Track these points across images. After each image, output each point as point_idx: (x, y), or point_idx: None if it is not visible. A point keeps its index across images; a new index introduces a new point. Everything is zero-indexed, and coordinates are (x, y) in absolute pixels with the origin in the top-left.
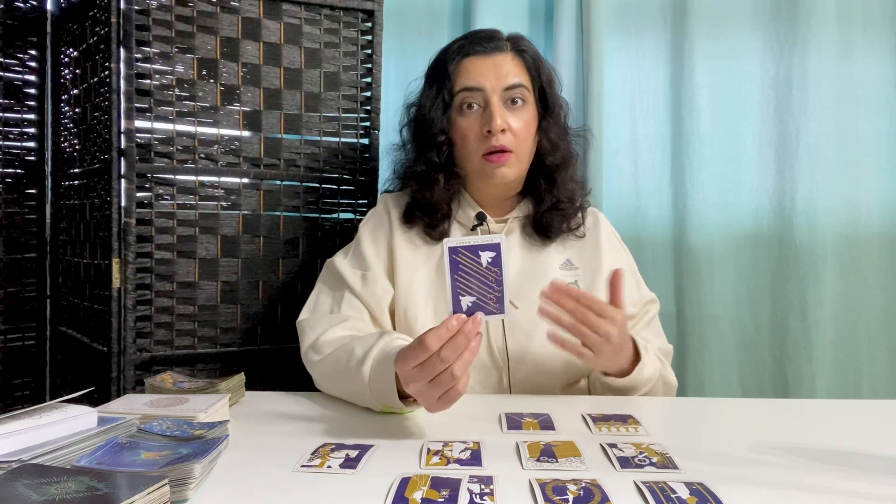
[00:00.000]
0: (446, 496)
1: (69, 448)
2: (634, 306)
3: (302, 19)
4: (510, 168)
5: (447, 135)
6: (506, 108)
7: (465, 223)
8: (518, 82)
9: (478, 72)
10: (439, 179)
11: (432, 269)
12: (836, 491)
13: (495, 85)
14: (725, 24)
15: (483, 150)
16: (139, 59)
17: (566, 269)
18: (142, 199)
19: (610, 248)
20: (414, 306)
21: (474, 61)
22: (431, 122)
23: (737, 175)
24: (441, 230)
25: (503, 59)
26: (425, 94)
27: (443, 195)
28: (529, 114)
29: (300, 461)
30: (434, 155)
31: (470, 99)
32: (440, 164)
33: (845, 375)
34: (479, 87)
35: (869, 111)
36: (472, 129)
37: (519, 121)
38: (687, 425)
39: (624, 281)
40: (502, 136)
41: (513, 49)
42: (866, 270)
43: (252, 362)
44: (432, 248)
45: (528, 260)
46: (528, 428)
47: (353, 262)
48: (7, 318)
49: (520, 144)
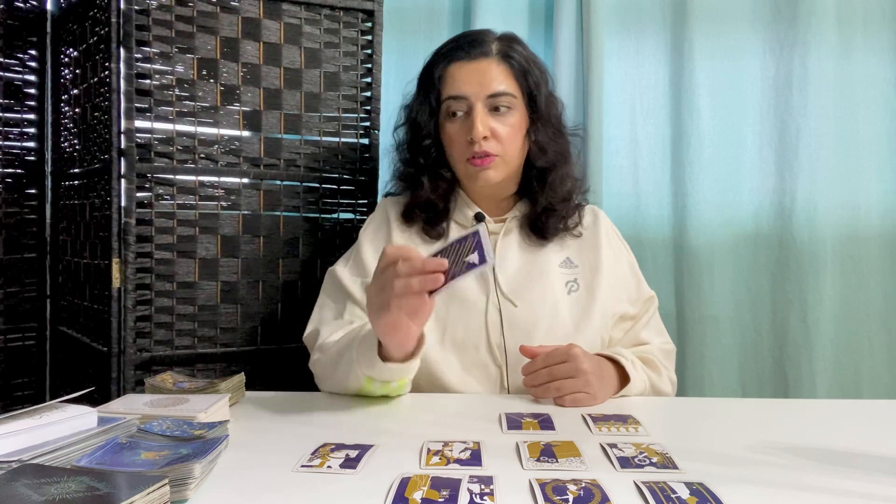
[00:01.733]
0: (446, 496)
1: (69, 448)
2: (634, 305)
3: (302, 19)
4: (495, 171)
5: (435, 139)
6: (491, 114)
7: (463, 223)
8: (502, 90)
9: (462, 79)
10: (425, 181)
11: None
12: (836, 491)
13: (479, 92)
14: (725, 24)
15: (467, 154)
16: (139, 59)
17: (565, 267)
18: (142, 199)
19: (610, 245)
20: None
21: (459, 67)
22: (420, 126)
23: (737, 175)
24: (439, 230)
25: (488, 65)
26: (416, 98)
27: (432, 195)
28: (517, 118)
29: (300, 461)
30: (422, 158)
31: (454, 107)
32: (427, 167)
33: (845, 375)
34: (462, 96)
35: (869, 111)
36: (458, 135)
37: (504, 126)
38: (687, 425)
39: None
40: (485, 142)
41: (499, 54)
42: (866, 270)
43: (252, 362)
44: (431, 248)
45: (526, 259)
46: (527, 428)
47: (354, 269)
48: (7, 318)
49: (506, 148)
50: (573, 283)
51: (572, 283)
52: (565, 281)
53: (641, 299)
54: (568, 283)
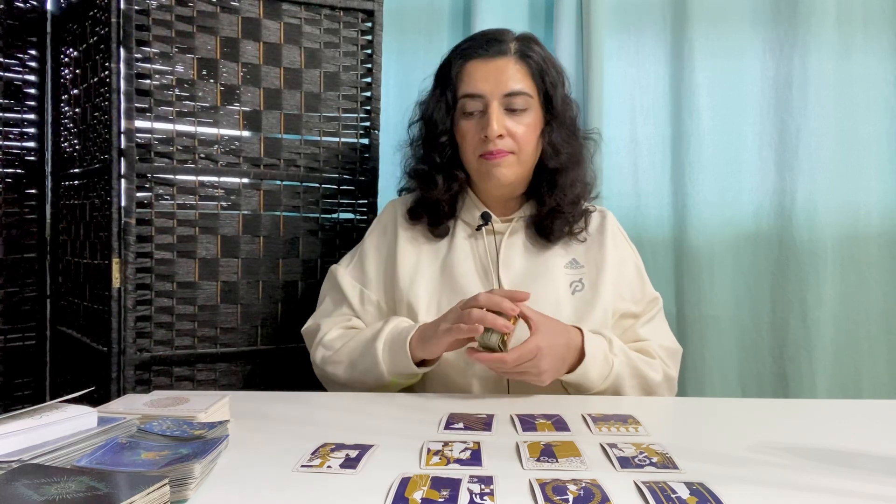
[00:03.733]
0: (446, 496)
1: (69, 448)
2: (637, 304)
3: (302, 19)
4: (508, 168)
5: (450, 136)
6: (506, 113)
7: (470, 222)
8: (519, 89)
9: (479, 76)
10: (439, 179)
11: (437, 269)
12: (836, 491)
13: (495, 90)
14: (725, 24)
15: (481, 150)
16: (139, 59)
17: (571, 268)
18: (142, 199)
19: (616, 245)
20: (416, 306)
21: (476, 65)
22: (435, 123)
23: (737, 175)
24: (444, 228)
25: (505, 63)
26: (432, 94)
27: (443, 195)
28: (532, 118)
29: (300, 461)
30: (437, 155)
31: (471, 105)
32: (441, 165)
33: (845, 375)
34: (479, 94)
35: (869, 111)
36: (472, 133)
37: (520, 125)
38: (687, 425)
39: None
40: (500, 141)
41: (516, 53)
42: (866, 270)
43: (252, 362)
44: (436, 246)
45: (530, 260)
46: (542, 429)
47: (354, 273)
48: (7, 318)
49: (521, 147)
50: (578, 284)
51: (577, 284)
52: (570, 281)
53: (645, 299)
54: (573, 283)
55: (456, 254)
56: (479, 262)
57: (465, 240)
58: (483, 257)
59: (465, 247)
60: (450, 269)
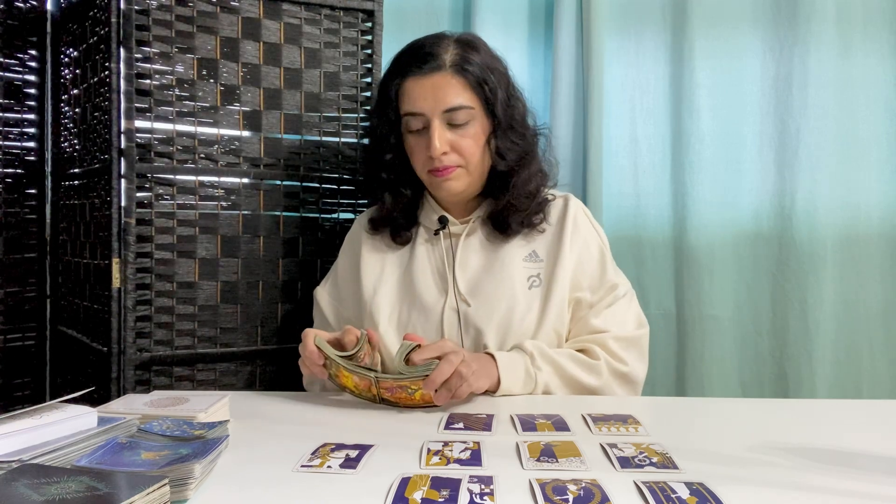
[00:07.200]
0: (446, 496)
1: (69, 448)
2: (594, 293)
3: (302, 19)
4: (457, 181)
5: (398, 152)
6: (449, 128)
7: (429, 226)
8: (458, 104)
9: (417, 95)
10: (387, 197)
11: (398, 277)
12: (836, 491)
13: (434, 108)
14: (725, 24)
15: (429, 167)
16: (139, 59)
17: (530, 261)
18: (142, 199)
19: (576, 231)
20: (377, 316)
21: (413, 83)
22: (380, 140)
23: (737, 175)
24: (406, 236)
25: (442, 79)
26: (376, 110)
27: (395, 210)
28: (476, 128)
29: (300, 461)
30: (384, 173)
31: (413, 123)
32: (389, 182)
33: (845, 375)
34: (419, 112)
35: (869, 111)
36: (419, 149)
37: (464, 138)
38: (687, 425)
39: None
40: (445, 157)
41: (452, 66)
42: (866, 270)
43: (252, 362)
44: (398, 254)
45: (487, 257)
46: (542, 430)
47: (332, 290)
48: (7, 318)
49: (468, 160)
50: (535, 279)
51: (534, 279)
52: (528, 276)
53: (604, 287)
54: (530, 277)
55: (416, 261)
56: (435, 268)
57: (424, 245)
58: (439, 262)
59: (423, 253)
60: (410, 277)
